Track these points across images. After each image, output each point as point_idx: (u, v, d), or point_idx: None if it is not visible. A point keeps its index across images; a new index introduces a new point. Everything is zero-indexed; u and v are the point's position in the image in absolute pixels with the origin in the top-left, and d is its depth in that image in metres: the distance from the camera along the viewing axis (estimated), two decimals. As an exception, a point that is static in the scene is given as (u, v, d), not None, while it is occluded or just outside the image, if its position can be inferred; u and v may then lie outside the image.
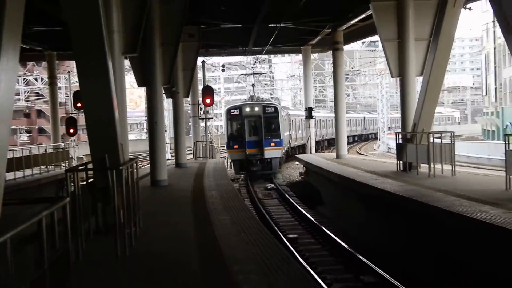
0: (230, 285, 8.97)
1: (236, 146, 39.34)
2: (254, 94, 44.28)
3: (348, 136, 45.74)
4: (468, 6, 23.47)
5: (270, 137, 38.68)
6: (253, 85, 49.37)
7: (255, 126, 39.15)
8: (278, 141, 39.20)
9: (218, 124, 54.95)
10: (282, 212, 28.69)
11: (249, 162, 38.51)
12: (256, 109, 39.35)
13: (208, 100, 39.93)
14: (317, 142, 48.68)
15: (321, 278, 15.76)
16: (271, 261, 10.44)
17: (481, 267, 12.93)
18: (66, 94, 49.36)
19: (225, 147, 48.05)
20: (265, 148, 38.37)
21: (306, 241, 21.78)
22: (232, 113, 39.99)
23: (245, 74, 55.74)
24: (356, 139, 78.39)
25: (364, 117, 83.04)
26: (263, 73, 48.38)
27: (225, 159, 43.25)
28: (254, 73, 49.53)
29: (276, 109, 40.35)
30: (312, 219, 25.04)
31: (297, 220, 26.47)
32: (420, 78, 23.59)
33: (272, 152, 38.61)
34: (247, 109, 39.38)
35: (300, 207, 28.67)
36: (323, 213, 26.21)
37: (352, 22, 33.09)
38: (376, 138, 68.35)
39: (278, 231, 22.27)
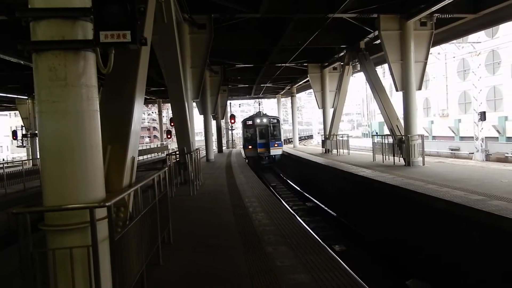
0: (243, 206, 9.11)
1: (250, 147, 29.93)
2: (260, 110, 34.66)
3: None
4: (354, 75, 23.58)
5: (274, 140, 29.52)
6: (259, 103, 41.06)
7: (263, 132, 29.76)
8: (279, 143, 29.95)
9: (237, 132, 54.48)
10: (268, 173, 28.72)
11: (260, 158, 29.72)
12: (264, 120, 30.05)
13: (232, 121, 40.15)
14: (284, 140, 48.33)
15: (287, 203, 15.89)
16: (263, 196, 10.58)
17: (358, 194, 13.10)
18: (166, 118, 49.21)
19: (240, 143, 40.58)
20: (271, 148, 29.34)
21: (280, 187, 21.85)
22: (247, 123, 30.72)
23: (254, 97, 45.30)
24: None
25: (299, 128, 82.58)
26: (262, 98, 41.57)
27: (240, 148, 38.07)
28: (258, 97, 42.41)
29: (278, 120, 31.02)
30: (283, 176, 25.10)
31: (275, 176, 26.50)
32: (332, 109, 23.63)
33: (275, 151, 29.56)
34: (258, 120, 30.06)
35: (277, 171, 28.72)
36: (289, 174, 26.20)
37: (300, 83, 33.03)
38: (310, 138, 68.44)
39: (267, 182, 22.34)
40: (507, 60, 29.94)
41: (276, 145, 29.77)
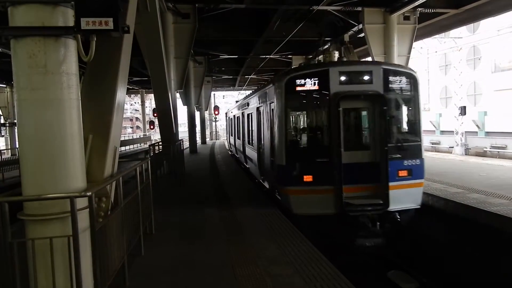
0: (227, 197, 9.09)
1: (309, 178, 5.12)
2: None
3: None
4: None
5: (402, 156, 5.25)
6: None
7: (363, 123, 5.34)
8: (417, 164, 5.50)
9: (221, 123, 53.25)
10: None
11: (354, 222, 5.38)
12: (366, 78, 5.07)
13: (216, 112, 40.05)
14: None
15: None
16: (247, 188, 10.55)
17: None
18: (149, 109, 48.61)
19: (225, 136, 32.53)
20: (390, 183, 5.17)
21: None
22: (298, 89, 5.17)
23: (238, 89, 40.12)
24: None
25: None
26: (246, 90, 36.43)
27: (224, 140, 34.08)
28: (242, 88, 36.42)
29: (413, 77, 5.90)
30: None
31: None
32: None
33: (404, 194, 5.32)
34: (344, 78, 5.07)
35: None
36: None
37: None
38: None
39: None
40: (487, 56, 30.46)
41: (404, 173, 6.22)
